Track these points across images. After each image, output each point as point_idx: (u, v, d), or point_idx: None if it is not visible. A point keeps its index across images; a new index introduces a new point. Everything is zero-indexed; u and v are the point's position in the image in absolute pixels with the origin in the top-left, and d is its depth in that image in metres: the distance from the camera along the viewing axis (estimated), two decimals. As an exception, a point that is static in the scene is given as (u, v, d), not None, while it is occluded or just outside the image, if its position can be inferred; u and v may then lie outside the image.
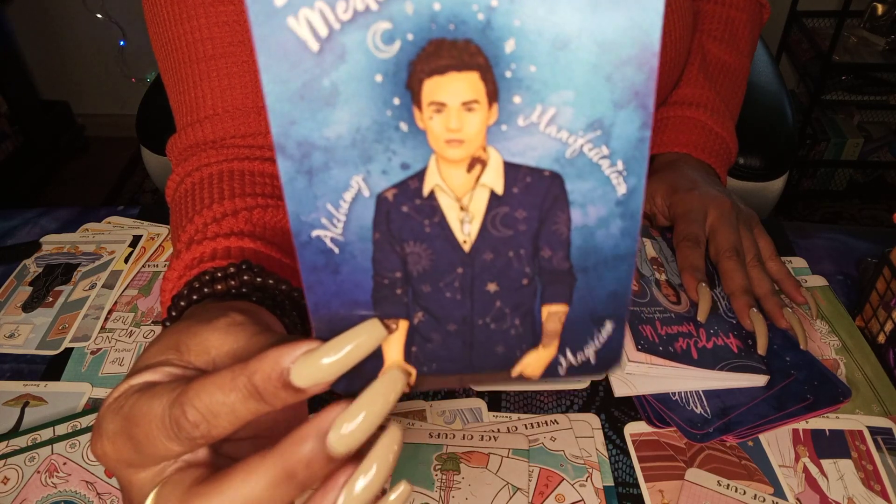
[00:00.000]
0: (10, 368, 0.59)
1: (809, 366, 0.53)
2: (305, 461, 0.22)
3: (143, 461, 0.25)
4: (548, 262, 0.23)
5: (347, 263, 0.23)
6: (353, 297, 0.23)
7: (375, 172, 0.21)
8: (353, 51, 0.19)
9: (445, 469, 0.48)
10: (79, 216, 0.75)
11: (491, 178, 0.22)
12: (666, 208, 0.62)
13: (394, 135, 0.21)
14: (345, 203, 0.22)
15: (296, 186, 0.21)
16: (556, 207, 0.22)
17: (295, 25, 0.19)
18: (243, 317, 0.29)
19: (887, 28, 1.86)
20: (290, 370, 0.22)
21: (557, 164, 0.21)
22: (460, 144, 0.21)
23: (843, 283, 0.64)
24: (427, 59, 0.20)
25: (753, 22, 0.75)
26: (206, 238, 0.43)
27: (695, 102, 0.69)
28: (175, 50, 0.51)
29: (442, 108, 0.20)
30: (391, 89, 0.20)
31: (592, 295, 0.24)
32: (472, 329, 0.24)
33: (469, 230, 0.23)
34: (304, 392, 0.23)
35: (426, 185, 0.22)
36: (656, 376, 0.51)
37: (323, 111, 0.20)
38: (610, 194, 0.22)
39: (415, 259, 0.23)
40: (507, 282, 0.24)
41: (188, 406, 0.23)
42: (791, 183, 2.04)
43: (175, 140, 0.53)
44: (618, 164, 0.21)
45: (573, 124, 0.21)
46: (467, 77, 0.20)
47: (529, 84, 0.20)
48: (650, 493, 0.47)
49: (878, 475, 0.48)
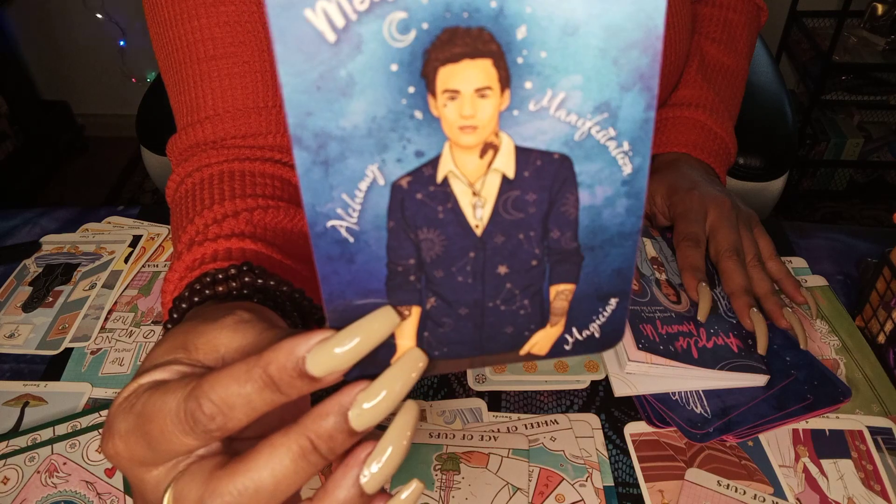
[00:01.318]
0: (10, 368, 0.59)
1: (809, 366, 0.53)
2: (327, 435, 0.23)
3: (157, 458, 0.25)
4: (556, 243, 0.24)
5: (362, 252, 0.23)
6: (368, 286, 0.23)
7: (390, 161, 0.21)
8: (370, 41, 0.19)
9: (445, 469, 0.48)
10: (79, 216, 0.75)
11: (503, 162, 0.22)
12: (666, 208, 0.62)
13: (409, 123, 0.21)
14: (360, 192, 0.22)
15: (312, 177, 0.21)
16: (566, 189, 0.23)
17: (312, 17, 0.19)
18: (250, 314, 0.29)
19: (887, 28, 1.86)
20: (305, 359, 0.22)
21: (566, 146, 0.22)
22: (474, 130, 0.21)
23: (843, 283, 0.64)
24: (441, 47, 0.20)
25: (751, 24, 0.76)
26: (207, 239, 0.43)
27: (694, 103, 0.70)
28: (176, 50, 0.51)
29: (456, 95, 0.21)
30: (406, 78, 0.20)
31: (598, 272, 0.25)
32: (483, 311, 0.25)
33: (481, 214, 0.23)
34: (320, 381, 0.23)
35: (440, 172, 0.22)
36: (656, 376, 0.51)
37: (339, 101, 0.20)
38: (616, 174, 0.23)
39: (428, 245, 0.23)
40: (518, 263, 0.24)
41: (204, 399, 0.23)
42: (791, 183, 2.04)
43: (175, 140, 0.53)
44: (624, 145, 0.22)
45: (582, 107, 0.21)
46: (480, 64, 0.20)
47: (540, 69, 0.20)
48: (650, 493, 0.47)
49: (878, 475, 0.48)
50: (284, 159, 0.52)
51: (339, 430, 0.23)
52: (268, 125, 0.52)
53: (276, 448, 0.23)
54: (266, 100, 0.52)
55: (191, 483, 0.24)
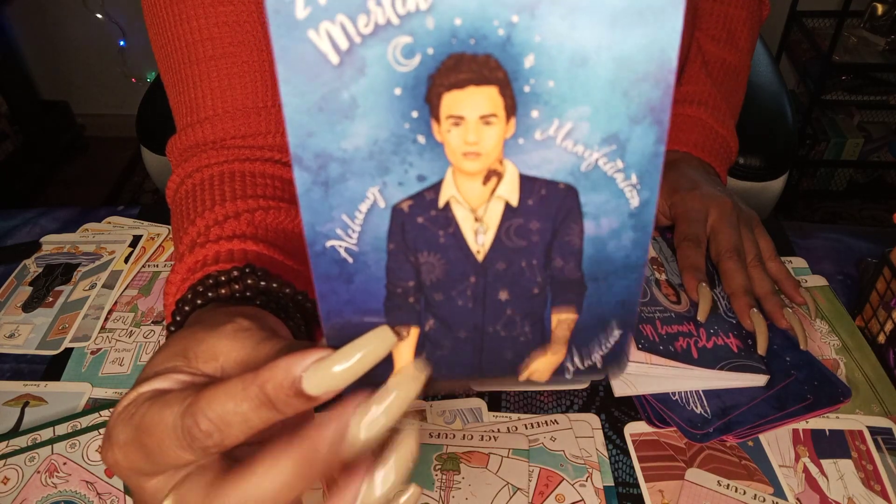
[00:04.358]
0: (10, 368, 0.59)
1: (809, 366, 0.53)
2: (328, 447, 0.22)
3: (156, 469, 0.25)
4: (559, 272, 0.24)
5: (361, 273, 0.23)
6: (366, 306, 0.23)
7: (392, 184, 0.21)
8: (373, 64, 0.19)
9: (445, 469, 0.48)
10: (79, 216, 0.75)
11: (506, 190, 0.22)
12: (667, 208, 0.62)
13: (411, 147, 0.21)
14: (360, 214, 0.22)
15: (312, 197, 0.21)
16: (570, 219, 0.23)
17: (315, 38, 0.19)
18: (250, 322, 0.29)
19: (887, 28, 1.86)
20: (301, 378, 0.22)
21: (572, 176, 0.22)
22: (477, 157, 0.21)
23: (843, 283, 0.64)
24: (447, 72, 0.20)
25: (752, 19, 0.75)
26: (209, 241, 0.43)
27: (696, 100, 0.69)
28: (175, 51, 0.51)
29: (460, 121, 0.20)
30: (410, 102, 0.20)
31: (602, 303, 0.24)
32: (483, 336, 0.25)
33: (483, 241, 0.23)
34: (316, 399, 0.23)
35: (442, 197, 0.22)
36: (656, 376, 0.51)
37: (341, 123, 0.20)
38: (623, 206, 0.22)
39: (428, 268, 0.23)
40: (519, 290, 0.24)
41: (200, 416, 0.23)
42: (791, 183, 2.04)
43: (175, 141, 0.53)
44: (632, 178, 0.22)
45: (589, 139, 0.21)
46: (486, 91, 0.20)
47: (548, 99, 0.20)
48: (650, 493, 0.47)
49: (878, 475, 0.48)
50: (284, 159, 0.52)
51: (339, 443, 0.22)
52: (267, 125, 0.52)
53: (278, 457, 0.23)
54: (265, 100, 0.52)
55: (191, 490, 0.24)
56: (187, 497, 0.24)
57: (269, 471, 0.23)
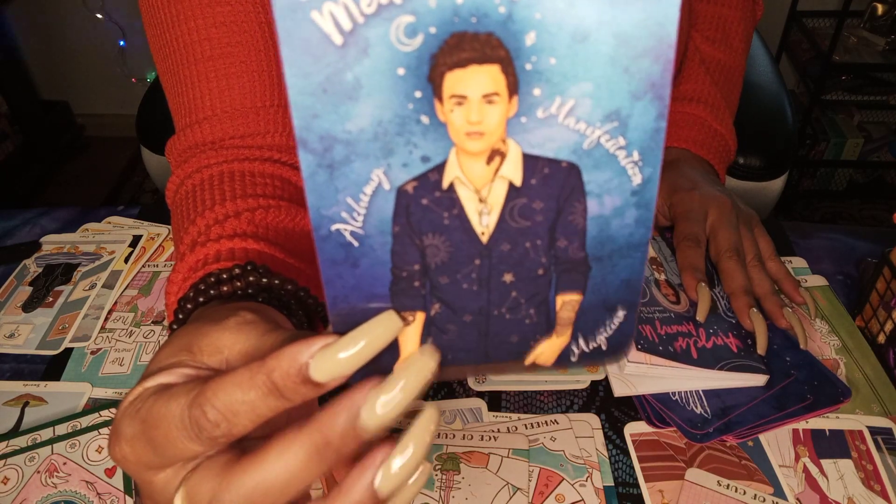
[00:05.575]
0: (10, 368, 0.59)
1: (809, 366, 0.53)
2: (339, 434, 0.22)
3: (164, 462, 0.25)
4: (563, 252, 0.24)
5: (367, 257, 0.23)
6: (372, 291, 0.23)
7: (396, 165, 0.21)
8: (376, 44, 0.19)
9: (445, 469, 0.48)
10: (79, 216, 0.75)
11: (510, 169, 0.22)
12: (666, 208, 0.62)
13: (415, 128, 0.21)
14: (365, 196, 0.22)
15: (317, 180, 0.21)
16: (573, 198, 0.22)
17: (319, 19, 0.19)
18: (254, 315, 0.29)
19: (887, 28, 1.86)
20: (308, 365, 0.22)
21: (575, 155, 0.22)
22: (480, 137, 0.21)
23: (843, 283, 0.64)
24: (449, 52, 0.20)
25: (746, 19, 0.75)
26: (210, 240, 0.43)
27: (695, 98, 0.69)
28: (173, 51, 0.51)
29: (463, 100, 0.20)
30: (413, 82, 0.20)
31: (606, 283, 0.24)
32: (488, 319, 0.25)
33: (487, 221, 0.23)
34: (324, 386, 0.23)
35: (446, 178, 0.22)
36: (656, 376, 0.51)
37: (345, 105, 0.20)
38: (626, 184, 0.22)
39: (433, 251, 0.23)
40: (524, 272, 0.24)
41: (207, 406, 0.23)
42: (791, 183, 2.04)
43: (174, 141, 0.53)
44: (633, 155, 0.22)
45: (591, 116, 0.21)
46: (488, 70, 0.20)
47: (549, 76, 0.20)
48: (650, 493, 0.47)
49: (878, 475, 0.48)
50: (284, 159, 0.52)
51: (350, 430, 0.22)
52: (266, 125, 0.52)
53: (289, 444, 0.23)
54: (264, 99, 0.52)
55: (203, 480, 0.24)
56: (199, 487, 0.24)
57: (280, 457, 0.23)
